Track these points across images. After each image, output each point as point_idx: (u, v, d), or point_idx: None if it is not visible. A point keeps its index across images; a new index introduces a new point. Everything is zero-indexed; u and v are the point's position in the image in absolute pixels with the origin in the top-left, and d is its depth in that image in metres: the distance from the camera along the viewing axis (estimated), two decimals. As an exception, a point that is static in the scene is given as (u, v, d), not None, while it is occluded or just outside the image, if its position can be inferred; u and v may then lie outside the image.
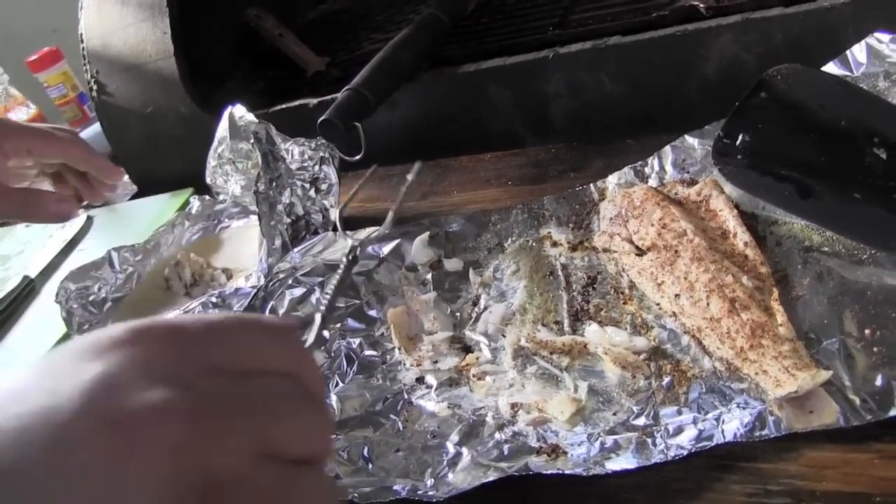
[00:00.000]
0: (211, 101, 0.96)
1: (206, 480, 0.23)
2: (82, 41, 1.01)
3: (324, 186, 0.77)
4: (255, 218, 0.86)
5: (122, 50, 0.97)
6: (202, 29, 0.98)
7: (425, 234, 0.67)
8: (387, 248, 0.67)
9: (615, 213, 0.60)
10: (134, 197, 1.11)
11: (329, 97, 0.86)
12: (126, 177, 0.99)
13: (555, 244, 0.63)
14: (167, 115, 0.98)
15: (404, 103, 0.77)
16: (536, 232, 0.65)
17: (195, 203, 0.89)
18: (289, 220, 0.72)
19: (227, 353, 0.26)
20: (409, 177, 0.71)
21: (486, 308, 0.61)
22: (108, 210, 1.10)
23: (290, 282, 0.66)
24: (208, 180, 0.89)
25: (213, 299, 0.67)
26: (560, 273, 0.60)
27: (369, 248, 0.67)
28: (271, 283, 0.66)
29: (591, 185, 0.66)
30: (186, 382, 0.24)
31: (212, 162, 0.86)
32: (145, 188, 1.10)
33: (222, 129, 0.83)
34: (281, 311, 0.64)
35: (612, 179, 0.65)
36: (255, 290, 0.66)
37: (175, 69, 0.93)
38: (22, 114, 1.05)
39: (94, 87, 1.01)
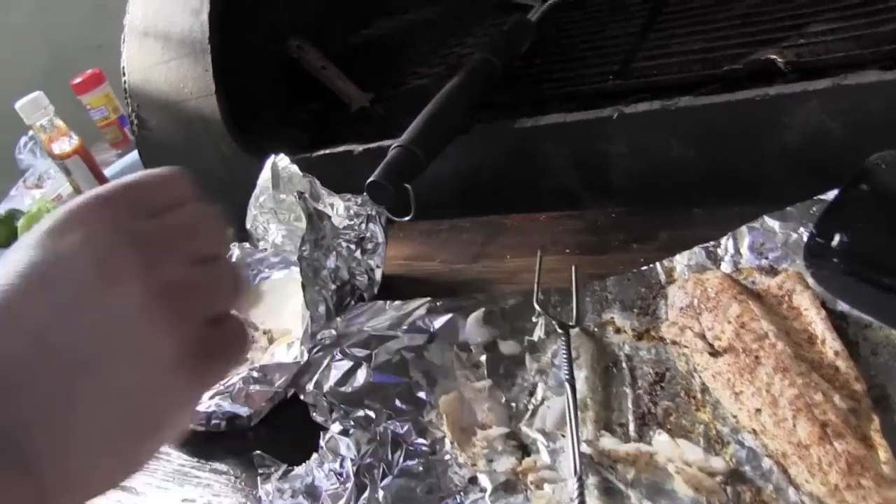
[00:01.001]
0: (252, 140, 0.93)
1: (158, 286, 0.33)
2: (124, 74, 0.98)
3: (369, 246, 0.73)
4: (296, 269, 0.83)
5: (163, 86, 0.94)
6: (244, 63, 0.95)
7: (480, 312, 0.63)
8: (438, 322, 0.63)
9: (686, 302, 0.56)
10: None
11: (374, 145, 0.83)
12: None
13: (618, 331, 0.59)
14: (207, 155, 0.95)
15: (454, 155, 0.73)
16: (598, 316, 0.60)
17: (235, 250, 0.86)
18: (334, 287, 0.68)
19: (141, 203, 0.35)
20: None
21: (543, 400, 0.56)
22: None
23: (336, 354, 0.62)
24: (248, 226, 0.86)
25: (255, 374, 0.64)
26: (624, 365, 0.56)
27: (419, 321, 0.64)
28: (315, 352, 0.63)
29: (658, 264, 0.61)
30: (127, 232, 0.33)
31: (253, 210, 0.83)
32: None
33: (264, 178, 0.80)
34: (326, 386, 0.60)
35: (681, 260, 0.60)
36: (300, 366, 0.62)
37: (216, 108, 0.90)
38: (65, 145, 1.03)
39: (135, 122, 0.99)
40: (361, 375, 0.61)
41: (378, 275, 0.74)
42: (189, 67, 0.91)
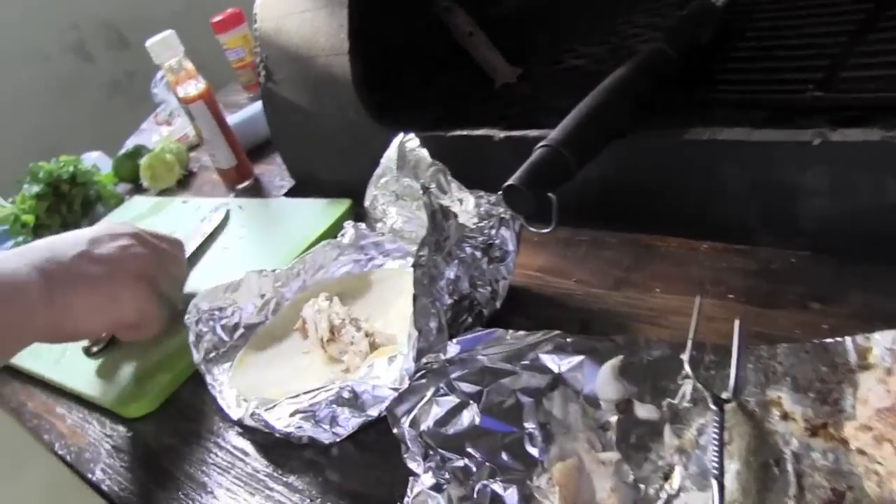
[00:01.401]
0: (382, 109, 0.84)
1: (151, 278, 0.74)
2: (256, 20, 0.91)
3: (497, 254, 0.64)
4: (412, 261, 0.75)
5: (294, 38, 0.87)
6: (383, 23, 0.86)
7: (617, 360, 0.52)
8: (565, 364, 0.53)
9: (888, 403, 0.44)
10: (290, 192, 1.02)
11: (518, 134, 0.72)
12: None
13: (786, 417, 0.47)
14: (332, 119, 0.87)
15: (605, 157, 0.62)
16: (762, 391, 0.49)
17: (349, 230, 0.79)
18: (450, 301, 0.59)
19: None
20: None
21: (680, 492, 0.46)
22: (260, 204, 1.02)
23: (441, 386, 0.53)
24: (367, 205, 0.78)
25: (346, 394, 0.57)
26: (790, 467, 0.45)
27: (543, 359, 0.54)
28: (418, 377, 0.54)
29: (849, 339, 0.48)
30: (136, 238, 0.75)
31: (373, 189, 0.75)
32: (301, 187, 1.01)
33: (389, 158, 0.71)
34: (424, 425, 0.52)
35: (883, 340, 0.47)
36: (398, 394, 0.54)
37: (347, 69, 0.82)
38: (191, 89, 0.98)
39: (263, 72, 0.92)
40: (467, 417, 0.52)
41: (503, 287, 0.64)
42: (324, 21, 0.83)
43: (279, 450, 0.61)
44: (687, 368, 0.50)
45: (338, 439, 0.58)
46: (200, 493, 0.60)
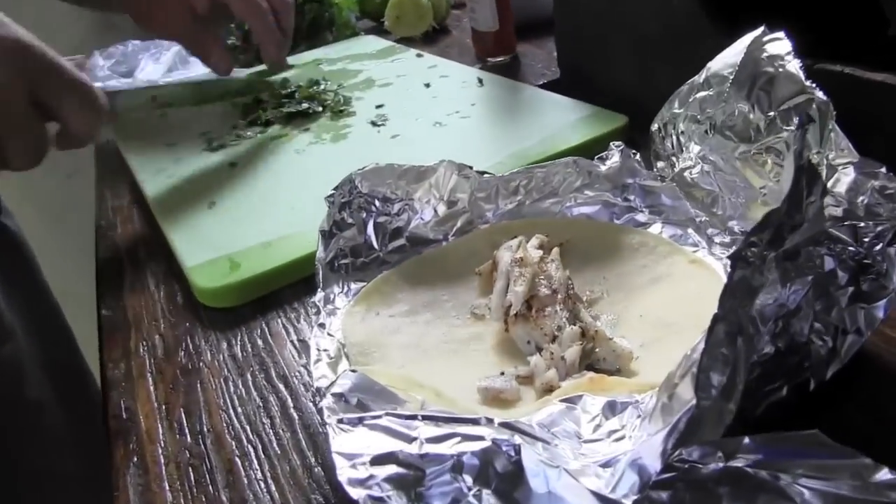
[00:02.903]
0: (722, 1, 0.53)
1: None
2: None
3: (868, 285, 0.32)
4: (698, 239, 0.45)
5: None
6: None
7: None
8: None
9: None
10: (550, 86, 0.74)
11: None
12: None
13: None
14: (641, 5, 0.57)
15: None
16: None
17: (615, 154, 0.50)
18: (771, 350, 0.29)
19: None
20: None
21: None
22: (507, 86, 0.75)
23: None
24: (655, 128, 0.48)
25: (500, 462, 0.28)
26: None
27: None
28: (657, 484, 0.25)
29: None
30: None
31: (674, 107, 0.47)
32: (567, 84, 0.73)
33: (724, 63, 0.42)
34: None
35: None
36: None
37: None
38: None
39: None
40: None
41: (849, 346, 0.33)
42: None
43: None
44: None
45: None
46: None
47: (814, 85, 0.36)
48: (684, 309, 0.39)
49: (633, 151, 0.49)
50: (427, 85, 0.79)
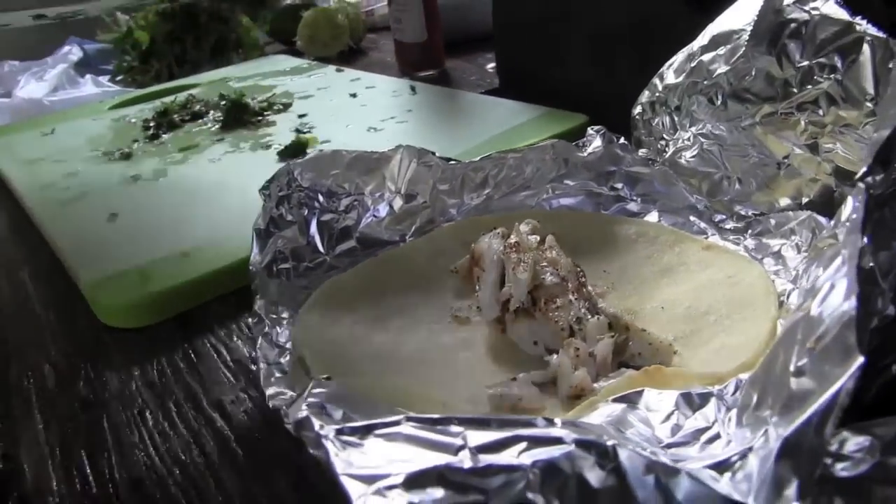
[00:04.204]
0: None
1: None
2: None
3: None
4: (704, 226, 0.39)
5: None
6: None
7: None
8: None
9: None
10: (489, 94, 0.68)
11: None
12: None
13: None
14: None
15: None
16: None
17: (595, 140, 0.43)
18: (890, 313, 0.23)
19: None
20: None
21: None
22: (445, 94, 0.68)
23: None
24: (637, 112, 0.43)
25: (563, 455, 0.21)
26: None
27: None
28: None
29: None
30: None
31: (669, 78, 0.40)
32: (509, 87, 0.67)
33: (726, 22, 0.36)
34: None
35: None
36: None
37: None
38: None
39: None
40: None
41: None
42: None
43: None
44: None
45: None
46: None
47: (864, 20, 0.30)
48: (716, 295, 0.32)
49: (617, 136, 0.43)
50: (353, 95, 0.71)
